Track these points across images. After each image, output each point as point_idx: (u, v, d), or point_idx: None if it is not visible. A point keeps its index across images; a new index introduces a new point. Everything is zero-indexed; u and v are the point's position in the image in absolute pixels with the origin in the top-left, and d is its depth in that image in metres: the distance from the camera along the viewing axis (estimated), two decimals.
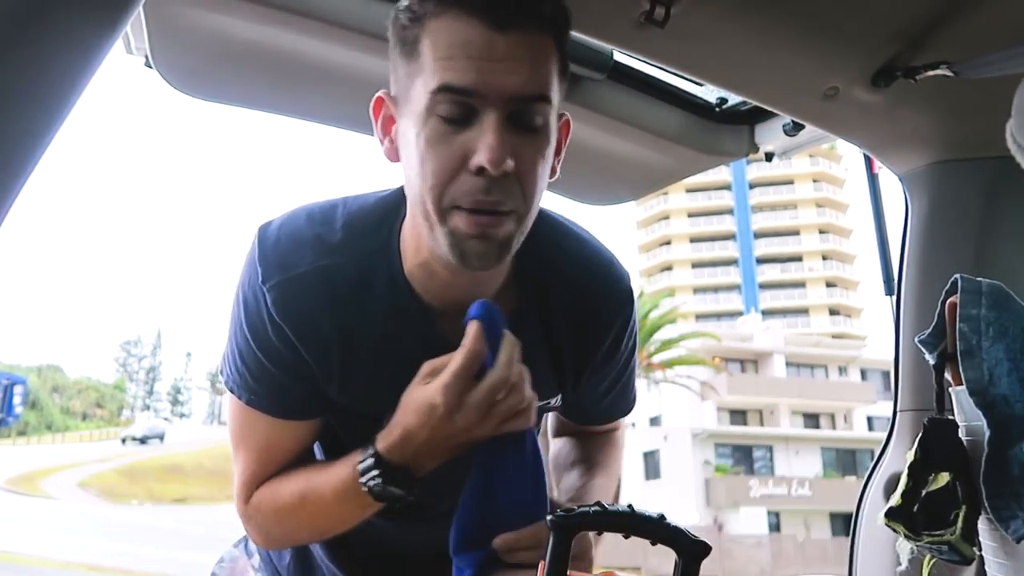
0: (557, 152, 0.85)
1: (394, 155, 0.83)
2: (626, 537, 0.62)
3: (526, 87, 0.74)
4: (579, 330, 0.94)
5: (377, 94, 0.84)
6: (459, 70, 0.72)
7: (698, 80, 1.29)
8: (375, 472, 0.80)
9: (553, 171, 0.84)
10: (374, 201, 0.89)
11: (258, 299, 0.83)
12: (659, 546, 0.63)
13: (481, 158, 0.72)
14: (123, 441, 41.17)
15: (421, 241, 0.82)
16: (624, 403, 1.08)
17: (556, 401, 0.98)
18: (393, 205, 0.88)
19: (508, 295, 0.89)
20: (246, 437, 0.90)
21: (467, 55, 0.72)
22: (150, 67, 1.14)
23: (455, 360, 0.77)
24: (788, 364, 31.18)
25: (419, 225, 0.80)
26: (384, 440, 0.81)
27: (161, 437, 41.55)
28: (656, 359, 24.02)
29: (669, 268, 49.17)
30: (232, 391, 0.89)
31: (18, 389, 15.21)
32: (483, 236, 0.76)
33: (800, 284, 48.30)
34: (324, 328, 0.84)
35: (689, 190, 48.87)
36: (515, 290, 0.90)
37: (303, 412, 0.89)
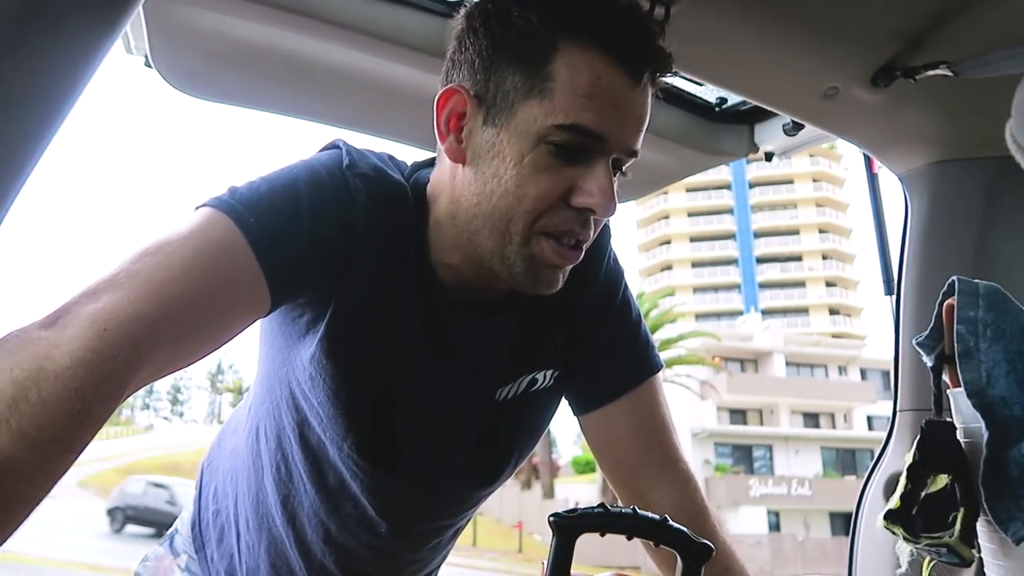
0: None
1: (459, 156, 0.78)
2: (629, 538, 0.62)
3: (638, 143, 0.76)
4: (571, 288, 0.90)
5: (449, 85, 0.77)
6: (598, 113, 0.71)
7: (698, 80, 1.29)
8: None
9: None
10: (407, 174, 0.86)
11: (337, 179, 0.77)
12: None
13: (595, 201, 0.73)
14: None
15: (460, 245, 0.81)
16: (649, 353, 0.99)
17: (548, 380, 0.94)
18: (420, 185, 0.85)
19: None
20: (176, 262, 0.64)
21: (610, 102, 0.72)
22: (150, 67, 1.14)
23: None
24: (788, 364, 31.17)
25: (477, 237, 0.78)
26: None
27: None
28: None
29: (669, 267, 49.17)
30: (217, 206, 0.70)
31: None
32: (561, 267, 0.78)
33: (800, 284, 48.30)
34: (388, 240, 0.79)
35: (689, 189, 48.88)
36: None
37: (291, 281, 0.73)
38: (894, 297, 1.33)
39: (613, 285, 0.97)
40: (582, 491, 27.50)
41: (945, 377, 0.82)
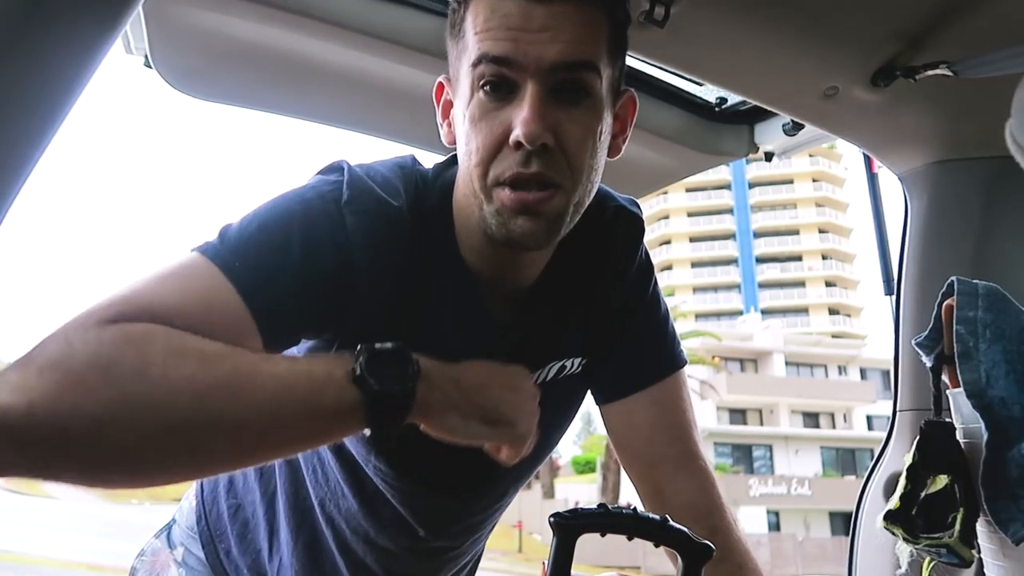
0: (622, 130, 0.83)
1: (452, 139, 0.82)
2: (629, 539, 0.62)
3: (567, 54, 0.71)
4: (604, 279, 0.92)
5: (438, 79, 0.83)
6: (496, 39, 0.71)
7: (698, 80, 1.29)
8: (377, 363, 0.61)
9: (616, 149, 0.83)
10: (431, 175, 0.86)
11: (332, 216, 0.75)
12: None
13: (517, 132, 0.70)
14: None
15: (473, 222, 0.79)
16: (674, 348, 1.00)
17: (576, 367, 0.93)
18: (449, 182, 0.85)
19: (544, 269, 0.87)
20: (171, 278, 0.66)
21: (505, 26, 0.71)
22: (149, 67, 1.14)
23: None
24: (788, 363, 31.16)
25: (472, 206, 0.78)
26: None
27: None
28: None
29: (669, 267, 49.11)
30: (205, 252, 0.69)
31: None
32: (528, 212, 0.73)
33: (800, 283, 48.24)
34: (391, 272, 0.78)
35: (689, 189, 48.81)
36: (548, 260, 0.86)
37: (282, 321, 0.71)
38: (894, 297, 1.33)
39: (644, 279, 0.97)
40: (582, 491, 27.50)
41: (945, 377, 0.82)
